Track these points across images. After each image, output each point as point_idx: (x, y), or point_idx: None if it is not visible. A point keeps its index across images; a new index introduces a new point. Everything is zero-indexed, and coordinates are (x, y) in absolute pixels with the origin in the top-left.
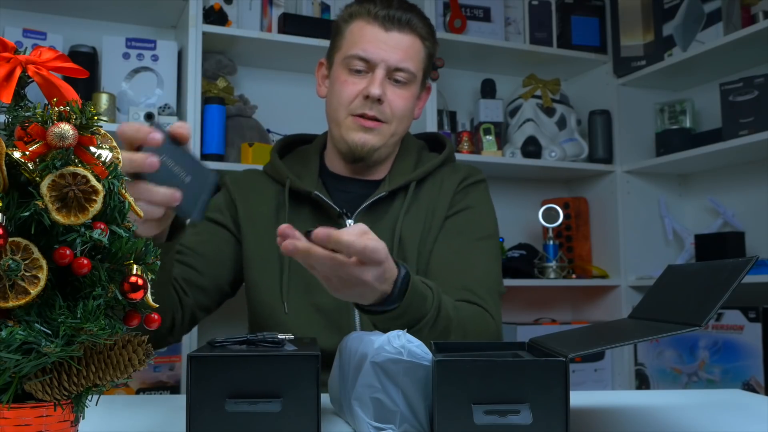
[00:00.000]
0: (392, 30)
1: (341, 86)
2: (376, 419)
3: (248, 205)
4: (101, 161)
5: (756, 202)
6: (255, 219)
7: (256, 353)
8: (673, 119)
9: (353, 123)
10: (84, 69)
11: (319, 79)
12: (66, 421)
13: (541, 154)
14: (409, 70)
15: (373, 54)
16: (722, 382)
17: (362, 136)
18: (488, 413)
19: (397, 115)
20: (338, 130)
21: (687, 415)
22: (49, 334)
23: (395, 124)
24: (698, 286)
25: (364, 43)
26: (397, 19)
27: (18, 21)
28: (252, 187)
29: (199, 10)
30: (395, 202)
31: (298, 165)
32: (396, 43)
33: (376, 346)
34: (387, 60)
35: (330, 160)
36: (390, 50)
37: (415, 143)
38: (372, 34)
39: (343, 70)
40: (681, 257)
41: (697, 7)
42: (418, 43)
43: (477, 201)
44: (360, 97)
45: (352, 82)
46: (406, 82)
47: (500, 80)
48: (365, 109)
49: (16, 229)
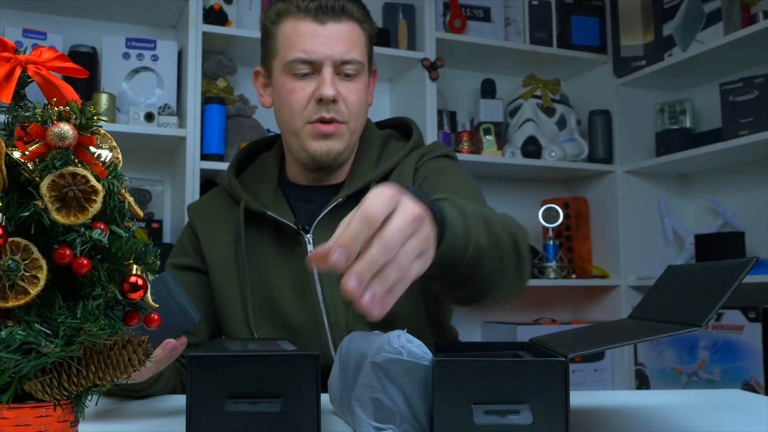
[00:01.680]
0: (327, 21)
1: (289, 94)
2: (375, 419)
3: (210, 237)
4: (101, 161)
5: (756, 202)
6: (217, 250)
7: (256, 353)
8: (673, 119)
9: (312, 131)
10: (84, 69)
11: (259, 89)
12: (66, 421)
13: (541, 154)
14: (356, 60)
15: (315, 53)
16: (722, 382)
17: (324, 144)
18: (488, 413)
19: (354, 111)
20: (297, 140)
21: (687, 415)
22: (49, 334)
23: (353, 122)
24: (698, 287)
25: (302, 44)
26: (330, 9)
27: (18, 21)
28: (212, 215)
29: (199, 10)
30: (357, 205)
31: (256, 180)
32: (335, 35)
33: (376, 346)
34: (331, 56)
35: (289, 169)
36: (331, 44)
37: (377, 135)
38: (307, 30)
39: (287, 77)
40: (681, 257)
41: (697, 7)
42: (357, 29)
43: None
44: (312, 102)
45: (299, 87)
46: (355, 74)
47: (500, 80)
48: (321, 112)
49: (16, 229)
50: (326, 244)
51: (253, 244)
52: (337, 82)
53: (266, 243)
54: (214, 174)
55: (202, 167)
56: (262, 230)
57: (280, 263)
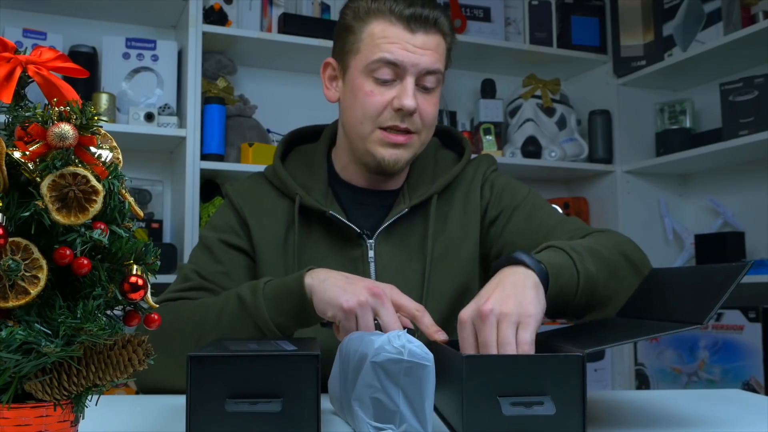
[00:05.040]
0: (418, 31)
1: (366, 97)
2: (375, 419)
3: (259, 225)
4: (101, 161)
5: (756, 202)
6: (266, 240)
7: (256, 353)
8: (673, 119)
9: (382, 138)
10: (84, 69)
11: (326, 81)
12: (66, 421)
13: (541, 154)
14: (439, 70)
15: (402, 59)
16: (722, 382)
17: (394, 153)
18: (515, 405)
19: (427, 124)
20: (362, 143)
21: (687, 415)
22: (49, 334)
23: (425, 134)
24: (693, 288)
25: (390, 47)
26: (423, 18)
27: (18, 21)
28: (259, 204)
29: (199, 10)
30: (417, 215)
31: (305, 174)
32: (424, 45)
33: (376, 346)
34: (417, 65)
35: (343, 168)
36: (419, 54)
37: (430, 143)
38: (397, 36)
39: (366, 78)
40: (681, 257)
41: (697, 7)
42: (442, 42)
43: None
44: (389, 109)
45: (378, 92)
46: (434, 87)
47: (500, 80)
48: (396, 121)
49: (16, 229)
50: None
51: (303, 239)
52: (417, 93)
53: (316, 239)
54: (214, 174)
55: (202, 167)
56: (311, 225)
57: (332, 262)
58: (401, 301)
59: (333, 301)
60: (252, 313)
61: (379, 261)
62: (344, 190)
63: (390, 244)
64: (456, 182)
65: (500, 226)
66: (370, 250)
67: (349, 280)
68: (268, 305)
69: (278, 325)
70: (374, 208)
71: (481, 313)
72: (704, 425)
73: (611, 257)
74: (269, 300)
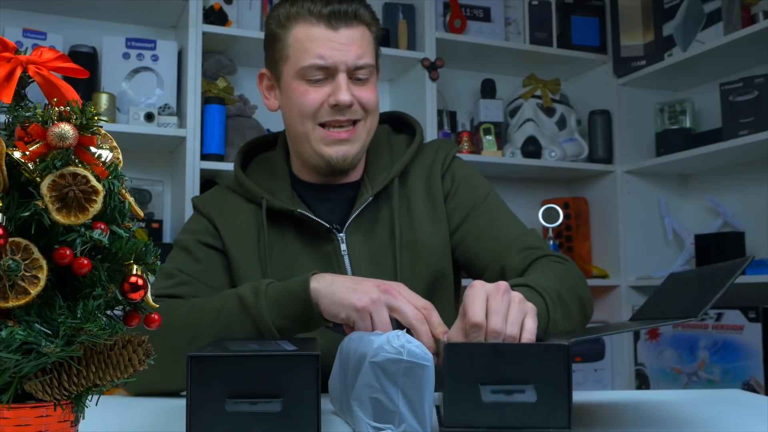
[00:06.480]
0: (340, 27)
1: (302, 96)
2: (375, 419)
3: (229, 231)
4: (101, 161)
5: (756, 202)
6: (238, 245)
7: (256, 353)
8: (673, 119)
9: (325, 136)
10: (84, 69)
11: (264, 91)
12: (66, 421)
13: (541, 154)
14: (369, 64)
15: (330, 59)
16: (722, 382)
17: (340, 149)
18: (495, 392)
19: (370, 109)
20: (307, 144)
21: (687, 415)
22: (49, 334)
23: (370, 120)
24: (696, 286)
25: (317, 49)
26: (343, 14)
27: (18, 21)
28: (227, 210)
29: (199, 10)
30: (381, 202)
31: (269, 179)
32: (348, 41)
33: (376, 346)
34: (345, 61)
35: (300, 171)
36: (345, 50)
37: (382, 130)
38: (321, 36)
39: (300, 82)
40: (681, 257)
41: (697, 7)
42: (367, 32)
43: (463, 172)
44: (325, 105)
45: (313, 90)
46: (367, 77)
47: (500, 80)
48: (336, 115)
49: (16, 229)
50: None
51: (275, 240)
52: (351, 86)
53: (288, 239)
54: (214, 174)
55: (202, 167)
56: (282, 227)
57: (306, 260)
58: (409, 298)
59: (345, 302)
60: (253, 314)
61: (352, 253)
62: (307, 191)
63: (360, 235)
64: (413, 164)
65: (457, 219)
66: (342, 244)
67: (356, 281)
68: (270, 307)
69: (279, 328)
70: (338, 202)
71: (498, 286)
72: (704, 425)
73: (571, 303)
74: (271, 302)
